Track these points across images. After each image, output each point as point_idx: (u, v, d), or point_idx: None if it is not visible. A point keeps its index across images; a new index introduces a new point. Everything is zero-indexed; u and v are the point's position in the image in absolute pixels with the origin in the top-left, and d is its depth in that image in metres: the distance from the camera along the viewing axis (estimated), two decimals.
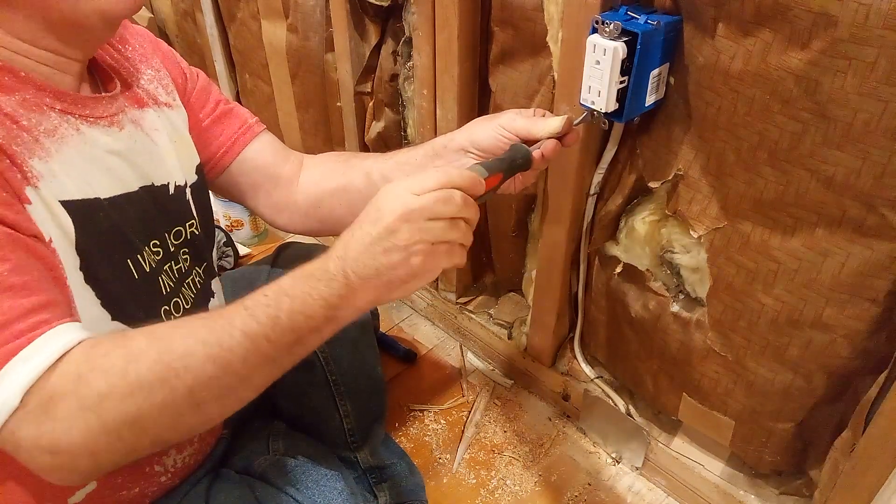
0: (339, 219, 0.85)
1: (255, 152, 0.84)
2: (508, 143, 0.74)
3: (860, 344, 0.75)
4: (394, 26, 1.12)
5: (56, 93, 0.59)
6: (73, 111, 0.60)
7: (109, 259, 0.62)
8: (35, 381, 0.48)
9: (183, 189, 0.74)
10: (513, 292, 1.30)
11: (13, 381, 0.47)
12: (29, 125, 0.56)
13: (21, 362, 0.48)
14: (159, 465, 0.71)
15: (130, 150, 0.66)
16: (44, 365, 0.48)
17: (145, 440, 0.52)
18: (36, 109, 0.57)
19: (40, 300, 0.51)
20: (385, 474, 0.99)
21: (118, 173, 0.64)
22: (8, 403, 0.47)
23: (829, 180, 0.68)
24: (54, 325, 0.50)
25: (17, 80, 0.56)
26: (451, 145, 0.79)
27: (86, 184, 0.60)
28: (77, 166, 0.59)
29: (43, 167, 0.56)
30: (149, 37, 0.77)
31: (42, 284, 0.52)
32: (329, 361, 0.91)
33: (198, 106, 0.80)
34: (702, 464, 1.02)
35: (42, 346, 0.49)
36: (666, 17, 0.73)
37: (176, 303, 0.71)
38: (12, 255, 0.50)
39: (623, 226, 0.96)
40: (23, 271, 0.50)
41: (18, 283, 0.50)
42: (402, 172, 0.80)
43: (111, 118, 0.64)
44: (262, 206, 0.87)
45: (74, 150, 0.59)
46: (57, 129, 0.58)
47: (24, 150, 0.55)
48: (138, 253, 0.65)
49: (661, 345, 0.95)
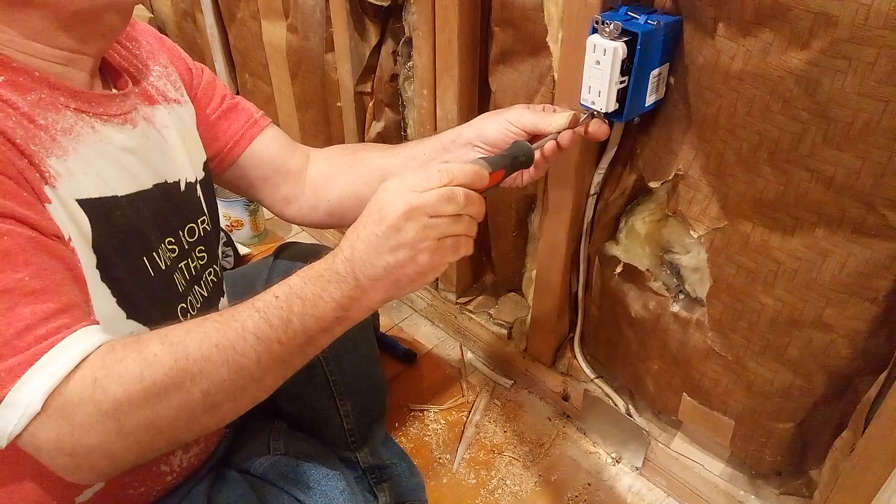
0: (347, 211, 0.85)
1: (262, 146, 0.84)
2: (515, 137, 0.74)
3: (860, 344, 0.75)
4: (394, 26, 1.12)
5: (70, 91, 0.59)
6: (87, 109, 0.60)
7: (125, 257, 0.62)
8: (56, 385, 0.48)
9: (194, 186, 0.74)
10: (513, 292, 1.30)
11: (35, 387, 0.48)
12: (45, 124, 0.56)
13: (42, 368, 0.48)
14: (166, 464, 0.71)
15: (144, 147, 0.66)
16: (64, 370, 0.49)
17: (161, 442, 0.53)
18: (51, 108, 0.57)
19: (61, 304, 0.51)
20: (385, 474, 0.99)
21: (133, 171, 0.64)
22: (31, 408, 0.48)
23: (829, 180, 0.68)
24: (74, 330, 0.51)
25: (32, 79, 0.56)
26: (459, 140, 0.79)
27: (103, 182, 0.60)
28: (94, 164, 0.59)
29: (60, 166, 0.56)
30: (154, 34, 0.77)
31: (62, 287, 0.52)
32: (329, 361, 0.91)
33: (205, 101, 0.81)
34: (702, 464, 1.02)
35: (63, 351, 0.49)
36: (666, 17, 0.73)
37: (191, 301, 0.71)
38: (34, 259, 0.50)
39: (623, 226, 0.96)
40: (43, 275, 0.51)
41: (39, 288, 0.50)
42: (409, 168, 0.80)
43: (125, 116, 0.64)
44: (269, 199, 0.87)
45: (90, 149, 0.59)
46: (73, 128, 0.58)
47: (42, 149, 0.55)
48: (154, 251, 0.66)
49: (661, 345, 0.95)
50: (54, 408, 0.48)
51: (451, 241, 0.56)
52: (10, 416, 0.48)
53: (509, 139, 0.75)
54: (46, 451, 0.50)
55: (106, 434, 0.50)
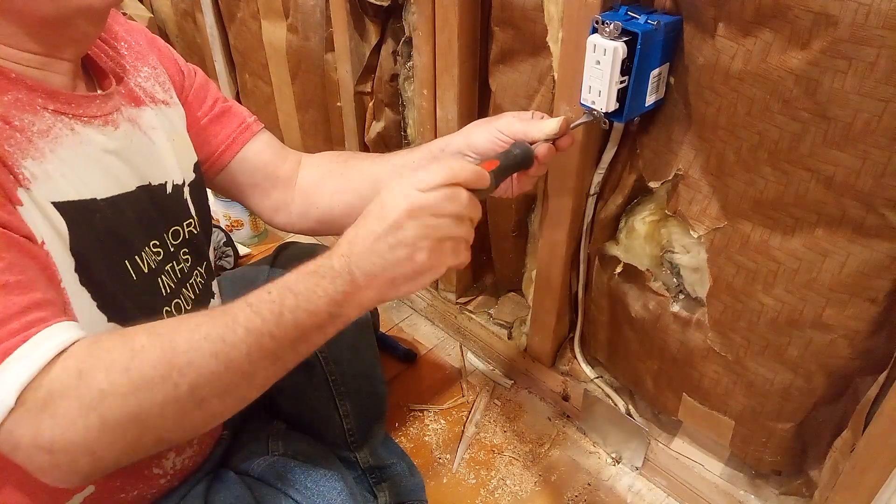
0: (337, 220, 0.85)
1: (253, 152, 0.84)
2: (505, 146, 0.74)
3: (860, 344, 0.75)
4: (394, 26, 1.12)
5: (49, 92, 0.58)
6: (66, 111, 0.59)
7: (106, 260, 0.61)
8: (31, 379, 0.47)
9: (181, 188, 0.74)
10: (513, 292, 1.30)
11: (8, 380, 0.47)
12: (22, 125, 0.55)
13: (16, 361, 0.47)
14: (158, 467, 0.71)
15: (126, 149, 0.65)
16: (39, 363, 0.47)
17: (147, 439, 0.52)
18: (29, 110, 0.56)
19: (35, 298, 0.50)
20: (385, 474, 0.99)
21: (115, 173, 0.64)
22: (4, 403, 0.46)
23: (829, 180, 0.68)
24: (50, 324, 0.50)
25: (8, 80, 0.55)
26: (449, 149, 0.79)
27: (82, 184, 0.59)
28: (73, 167, 0.59)
29: (37, 168, 0.55)
30: (145, 33, 0.76)
31: (37, 283, 0.51)
32: (329, 362, 0.91)
33: (196, 104, 0.80)
34: (702, 464, 1.02)
35: (38, 344, 0.48)
36: (666, 17, 0.73)
37: (177, 304, 0.70)
38: (6, 254, 0.50)
39: (623, 226, 0.96)
40: (17, 270, 0.50)
41: (13, 282, 0.49)
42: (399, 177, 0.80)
43: (106, 117, 0.64)
44: (259, 205, 0.87)
45: (70, 151, 0.59)
46: (51, 130, 0.57)
47: (17, 150, 0.54)
48: (137, 254, 0.65)
49: (661, 345, 0.95)
50: (33, 401, 0.47)
51: (451, 243, 0.56)
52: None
53: (499, 148, 0.75)
54: (24, 448, 0.48)
55: (88, 429, 0.48)
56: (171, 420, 0.51)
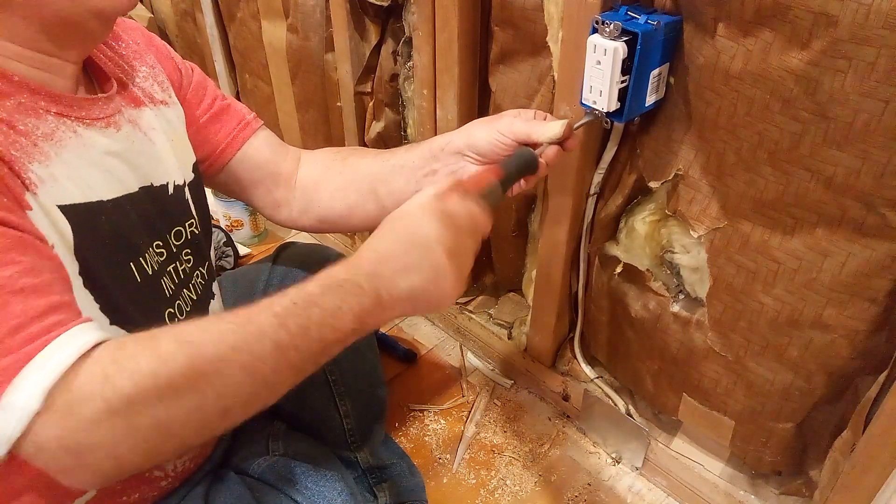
0: (337, 217, 0.85)
1: (253, 149, 0.84)
2: (506, 147, 0.74)
3: (860, 344, 0.75)
4: (394, 26, 1.12)
5: (51, 95, 0.58)
6: (68, 114, 0.59)
7: (110, 263, 0.61)
8: (56, 382, 0.46)
9: (182, 188, 0.73)
10: (513, 292, 1.30)
11: (33, 384, 0.46)
12: (26, 130, 0.55)
13: (39, 365, 0.47)
14: (159, 470, 0.70)
15: (129, 150, 0.65)
16: (63, 366, 0.47)
17: (169, 445, 0.51)
18: (32, 114, 0.56)
19: (54, 301, 0.50)
20: (385, 474, 0.99)
21: (118, 175, 0.63)
22: (30, 407, 0.46)
23: (829, 180, 0.68)
24: (70, 327, 0.49)
25: (10, 84, 0.55)
26: (449, 148, 0.78)
27: (87, 187, 0.59)
28: (77, 169, 0.59)
29: (43, 172, 0.55)
30: (142, 32, 0.76)
31: (54, 286, 0.51)
32: (329, 362, 0.90)
33: (194, 102, 0.80)
34: (702, 464, 1.02)
35: (60, 347, 0.48)
36: (666, 17, 0.73)
37: (179, 305, 0.70)
38: (23, 258, 0.49)
39: (623, 226, 0.96)
40: (35, 273, 0.50)
41: (30, 285, 0.49)
42: (400, 177, 0.80)
43: (108, 119, 0.63)
44: (261, 202, 0.87)
45: (73, 153, 0.59)
46: (54, 133, 0.57)
47: (23, 155, 0.54)
48: (141, 256, 0.65)
49: (662, 345, 0.95)
50: (59, 404, 0.46)
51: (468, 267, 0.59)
52: (9, 419, 0.46)
53: (499, 149, 0.75)
54: (49, 450, 0.47)
55: (113, 432, 0.48)
56: (195, 427, 0.51)
